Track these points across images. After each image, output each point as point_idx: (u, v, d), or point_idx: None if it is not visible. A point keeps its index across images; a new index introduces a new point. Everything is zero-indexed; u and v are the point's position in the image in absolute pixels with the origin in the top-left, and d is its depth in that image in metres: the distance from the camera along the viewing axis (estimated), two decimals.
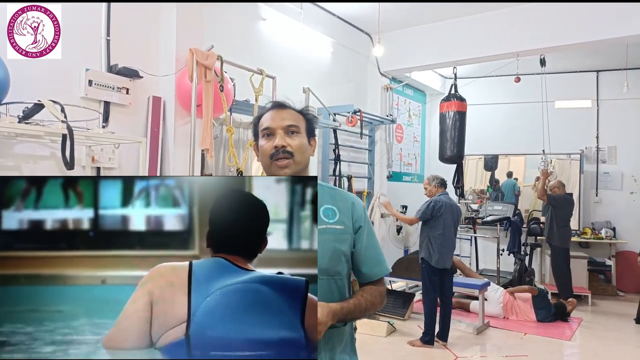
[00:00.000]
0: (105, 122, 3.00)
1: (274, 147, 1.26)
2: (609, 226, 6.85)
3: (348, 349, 1.34)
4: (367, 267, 1.34)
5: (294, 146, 1.27)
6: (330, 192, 1.35)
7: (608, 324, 5.28)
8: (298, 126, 1.30)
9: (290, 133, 1.28)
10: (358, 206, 1.36)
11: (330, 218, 1.29)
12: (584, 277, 6.37)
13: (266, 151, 1.28)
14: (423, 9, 5.26)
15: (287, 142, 1.26)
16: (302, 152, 1.29)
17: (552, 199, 5.82)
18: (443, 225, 4.26)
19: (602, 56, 6.51)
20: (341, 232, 1.29)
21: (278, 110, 1.31)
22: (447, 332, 4.36)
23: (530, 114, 6.94)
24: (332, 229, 1.28)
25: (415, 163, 7.44)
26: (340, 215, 1.31)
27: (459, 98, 5.60)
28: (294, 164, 1.27)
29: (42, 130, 2.38)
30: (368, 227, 1.36)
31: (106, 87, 2.98)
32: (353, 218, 1.33)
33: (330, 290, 1.26)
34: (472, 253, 7.15)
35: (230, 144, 3.35)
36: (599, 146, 7.14)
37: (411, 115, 7.27)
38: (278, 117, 1.30)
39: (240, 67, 3.50)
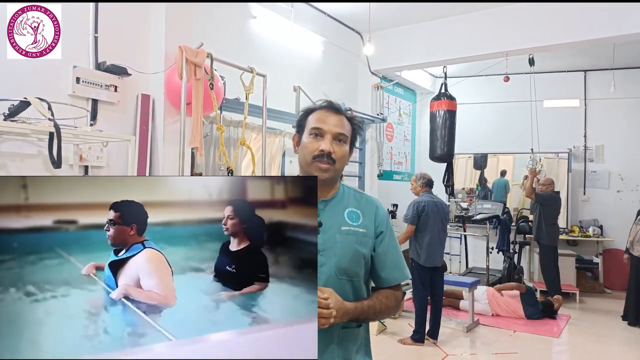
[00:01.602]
0: (93, 120, 2.95)
1: (321, 150, 1.27)
2: (597, 224, 6.94)
3: (362, 351, 1.35)
4: (386, 272, 1.35)
5: (338, 154, 1.29)
6: (355, 195, 1.38)
7: (595, 321, 5.35)
8: (347, 136, 1.32)
9: (338, 141, 1.29)
10: (381, 212, 1.38)
11: (354, 221, 1.32)
12: (572, 275, 6.44)
13: (310, 150, 1.28)
14: (413, 8, 5.27)
15: (333, 149, 1.27)
16: (343, 162, 1.31)
17: (540, 197, 5.87)
18: (427, 224, 4.27)
19: (590, 56, 6.58)
20: (363, 235, 1.31)
21: (331, 114, 1.32)
22: (437, 330, 4.39)
23: (520, 113, 7.00)
24: (355, 232, 1.30)
25: (406, 162, 7.46)
26: (364, 218, 1.33)
27: (449, 97, 5.62)
28: (333, 170, 1.29)
29: (29, 128, 2.33)
30: (390, 233, 1.37)
31: (94, 84, 2.93)
32: (375, 222, 1.35)
33: (346, 291, 1.27)
34: (462, 251, 7.20)
35: (221, 143, 3.32)
36: (586, 145, 7.23)
37: (401, 114, 7.29)
38: (331, 121, 1.30)
39: (231, 65, 3.47)
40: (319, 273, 1.24)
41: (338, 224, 1.29)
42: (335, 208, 1.32)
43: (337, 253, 1.27)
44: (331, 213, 1.30)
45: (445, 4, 5.14)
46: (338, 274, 1.26)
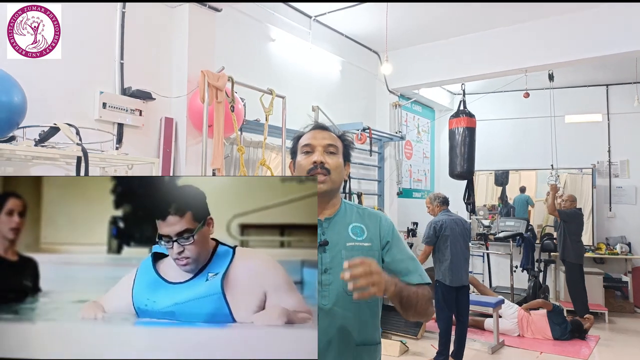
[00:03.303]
0: (118, 143, 3.04)
1: (313, 162, 1.31)
2: (624, 241, 6.74)
3: None
4: (402, 278, 1.31)
5: (332, 164, 1.32)
6: (358, 211, 1.39)
7: (627, 342, 5.15)
8: (337, 147, 1.37)
9: (329, 153, 1.34)
10: (385, 222, 1.39)
11: (359, 236, 1.32)
12: (600, 294, 6.24)
13: (304, 166, 1.32)
14: (430, 27, 5.31)
15: (325, 159, 1.31)
16: (338, 172, 1.34)
17: (563, 214, 5.76)
18: (449, 244, 4.20)
19: (612, 70, 6.49)
20: (369, 249, 1.31)
21: (318, 131, 1.38)
22: (462, 352, 4.28)
23: (540, 129, 6.92)
24: (360, 246, 1.30)
25: (425, 179, 7.42)
26: (368, 232, 1.34)
27: (468, 114, 5.60)
28: (330, 181, 1.31)
29: (58, 153, 2.41)
30: (397, 242, 1.37)
31: (120, 109, 3.02)
32: (380, 234, 1.35)
33: (361, 307, 1.27)
34: (485, 270, 7.07)
35: (241, 163, 3.37)
36: (610, 160, 7.07)
37: (420, 131, 7.28)
38: (319, 136, 1.36)
39: (251, 87, 3.54)
40: (327, 292, 1.24)
41: (343, 240, 1.30)
42: (339, 225, 1.33)
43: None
44: (335, 230, 1.31)
45: (462, 21, 5.15)
46: (347, 292, 1.21)
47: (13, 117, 2.26)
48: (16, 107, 2.25)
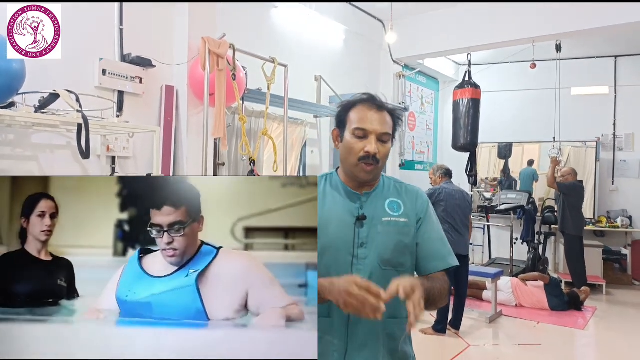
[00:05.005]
0: (119, 111, 3.02)
1: (366, 152, 1.26)
2: (625, 215, 6.75)
3: (408, 342, 1.37)
4: (424, 261, 1.33)
5: (383, 154, 1.28)
6: (396, 186, 1.38)
7: (623, 314, 5.24)
8: (390, 134, 1.31)
9: (382, 142, 1.28)
10: (421, 199, 1.37)
11: (395, 211, 1.31)
12: (599, 266, 6.30)
13: (356, 152, 1.27)
14: None
15: (379, 150, 1.26)
16: (385, 159, 1.31)
17: (563, 186, 5.75)
18: (444, 214, 4.21)
19: (621, 41, 6.35)
20: (404, 224, 1.31)
21: (374, 111, 1.29)
22: (460, 321, 4.36)
23: (546, 101, 6.82)
24: (396, 222, 1.30)
25: (428, 151, 7.39)
26: (405, 208, 1.33)
27: (473, 85, 5.52)
28: (376, 169, 1.29)
29: (58, 119, 2.40)
30: (428, 220, 1.35)
31: (120, 76, 2.99)
32: (416, 210, 1.34)
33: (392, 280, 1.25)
34: (485, 242, 7.12)
35: (243, 133, 3.35)
36: (615, 133, 7.01)
37: (424, 103, 7.20)
38: (374, 120, 1.28)
39: (253, 55, 3.48)
40: (362, 265, 1.25)
41: (379, 215, 1.29)
42: (377, 200, 1.32)
43: (379, 244, 1.27)
44: (373, 205, 1.31)
45: None
46: (382, 265, 1.26)
47: (12, 82, 2.24)
48: (15, 73, 2.22)
